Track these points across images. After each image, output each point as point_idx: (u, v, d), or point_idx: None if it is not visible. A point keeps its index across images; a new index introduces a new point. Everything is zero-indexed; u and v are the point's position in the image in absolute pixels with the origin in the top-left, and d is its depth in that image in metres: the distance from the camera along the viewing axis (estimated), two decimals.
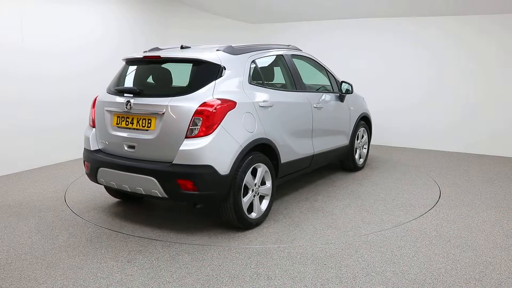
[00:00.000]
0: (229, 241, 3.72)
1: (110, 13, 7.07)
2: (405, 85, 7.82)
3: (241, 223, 3.87)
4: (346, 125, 5.69)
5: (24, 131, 5.96)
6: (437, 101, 7.59)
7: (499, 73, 7.09)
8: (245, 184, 3.85)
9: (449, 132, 7.55)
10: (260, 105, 4.05)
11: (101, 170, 4.00)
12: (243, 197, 3.85)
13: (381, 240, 3.73)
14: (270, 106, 4.18)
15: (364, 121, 6.19)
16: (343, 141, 5.65)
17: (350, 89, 5.58)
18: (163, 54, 4.08)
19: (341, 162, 6.06)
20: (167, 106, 3.64)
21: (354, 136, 5.86)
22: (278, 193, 5.02)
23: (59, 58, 6.30)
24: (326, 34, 8.42)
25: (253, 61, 4.26)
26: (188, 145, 3.55)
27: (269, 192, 4.16)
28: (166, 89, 4.08)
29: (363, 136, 6.18)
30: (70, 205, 4.67)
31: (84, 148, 4.26)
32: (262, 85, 4.30)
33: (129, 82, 4.20)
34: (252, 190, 3.96)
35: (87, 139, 4.22)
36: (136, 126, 3.83)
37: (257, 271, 3.19)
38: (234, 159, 3.69)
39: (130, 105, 3.82)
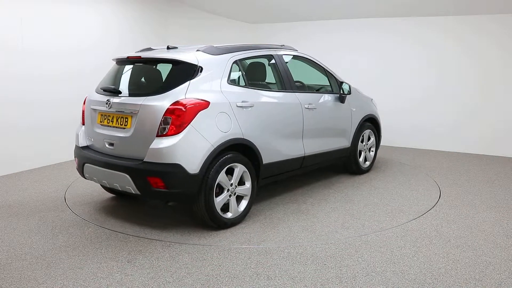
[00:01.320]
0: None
1: (110, 13, 7.07)
2: (405, 85, 7.82)
3: (214, 222, 3.90)
4: (347, 127, 5.54)
5: (24, 131, 5.96)
6: (437, 101, 7.58)
7: (499, 73, 7.09)
8: (220, 184, 3.89)
9: (449, 132, 7.55)
10: (238, 105, 4.04)
11: (86, 165, 4.18)
12: (217, 196, 3.88)
13: (381, 240, 3.73)
14: (250, 107, 4.16)
15: (371, 123, 6.01)
16: (343, 143, 5.51)
17: (348, 90, 5.45)
18: (143, 54, 4.22)
19: (344, 165, 5.91)
20: (140, 105, 3.77)
21: (356, 138, 5.69)
22: (268, 193, 5.02)
23: (59, 58, 6.30)
24: (326, 34, 8.42)
25: (236, 62, 4.26)
26: (158, 143, 3.63)
27: (248, 193, 4.15)
28: (144, 88, 4.18)
29: (369, 139, 6.01)
30: (70, 205, 4.68)
31: (75, 145, 4.45)
32: (244, 85, 4.31)
33: (114, 82, 4.31)
34: (228, 190, 3.97)
35: (77, 136, 4.45)
36: (115, 124, 3.99)
37: (257, 271, 3.19)
38: (205, 159, 3.72)
39: (110, 103, 3.99)
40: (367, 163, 6.02)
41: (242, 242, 3.71)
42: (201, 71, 3.91)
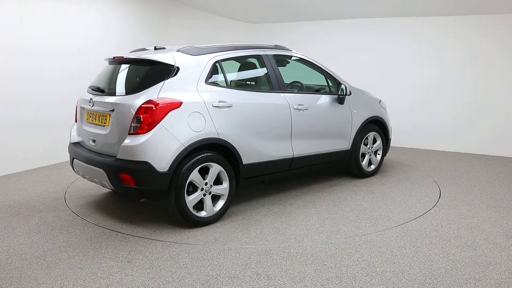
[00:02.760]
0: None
1: (110, 13, 7.07)
2: (405, 85, 7.82)
3: (186, 220, 3.98)
4: (346, 128, 5.36)
5: (24, 131, 5.96)
6: (437, 101, 7.58)
7: (500, 73, 7.08)
8: (194, 183, 3.96)
9: (449, 132, 7.55)
10: (214, 105, 4.07)
11: (75, 161, 4.43)
12: (190, 195, 3.95)
13: (381, 240, 3.73)
14: (228, 107, 4.17)
15: (377, 125, 5.78)
16: (342, 145, 5.35)
17: (345, 91, 5.22)
18: (126, 55, 4.38)
19: (346, 168, 5.72)
20: (116, 103, 3.94)
21: (358, 140, 5.50)
22: (258, 193, 4.99)
23: (59, 58, 6.30)
24: (326, 34, 8.41)
25: (217, 62, 4.30)
26: (129, 141, 3.77)
27: (225, 193, 4.18)
28: (122, 88, 4.26)
29: (375, 141, 5.78)
30: (70, 205, 4.68)
31: (69, 141, 4.70)
32: (225, 85, 4.33)
33: (100, 81, 4.46)
34: (202, 189, 4.02)
35: (70, 133, 4.70)
36: (97, 122, 4.17)
37: (257, 271, 3.19)
38: (174, 157, 3.80)
39: (92, 102, 4.21)
40: (372, 166, 5.79)
41: (207, 241, 3.72)
42: (177, 71, 4.00)
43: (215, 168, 4.06)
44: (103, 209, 4.54)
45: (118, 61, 4.42)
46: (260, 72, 4.83)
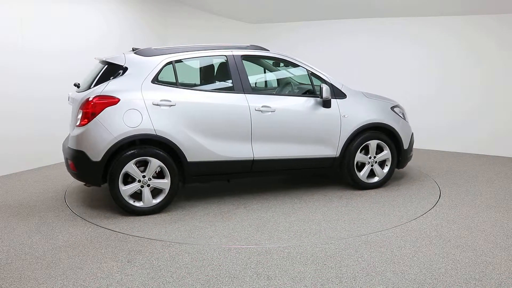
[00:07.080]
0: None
1: (110, 13, 7.07)
2: (405, 85, 7.81)
3: (121, 207, 4.32)
4: (331, 134, 4.91)
5: (24, 131, 5.96)
6: (438, 101, 7.58)
7: (500, 73, 7.09)
8: (130, 174, 4.26)
9: (449, 132, 7.55)
10: (154, 103, 4.29)
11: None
12: (126, 185, 4.27)
13: (381, 240, 3.73)
14: (171, 105, 4.34)
15: (385, 133, 5.17)
16: (325, 151, 4.94)
17: (324, 93, 4.78)
18: (97, 56, 4.87)
19: (340, 177, 5.29)
20: (73, 99, 4.53)
21: (352, 148, 4.99)
22: (229, 193, 5.01)
23: (59, 58, 6.30)
24: (326, 34, 8.41)
25: (170, 63, 4.50)
26: (74, 132, 4.32)
27: (166, 187, 4.37)
28: (84, 85, 4.62)
29: (381, 151, 5.18)
30: (70, 205, 4.68)
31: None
32: (174, 85, 4.47)
33: (83, 78, 4.84)
34: (139, 181, 4.28)
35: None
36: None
37: (257, 271, 3.19)
38: (107, 149, 4.16)
39: (69, 97, 4.78)
40: (376, 178, 5.20)
41: (128, 230, 3.97)
42: (125, 71, 4.36)
43: (153, 163, 4.28)
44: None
45: (98, 61, 4.83)
46: (219, 72, 4.90)
